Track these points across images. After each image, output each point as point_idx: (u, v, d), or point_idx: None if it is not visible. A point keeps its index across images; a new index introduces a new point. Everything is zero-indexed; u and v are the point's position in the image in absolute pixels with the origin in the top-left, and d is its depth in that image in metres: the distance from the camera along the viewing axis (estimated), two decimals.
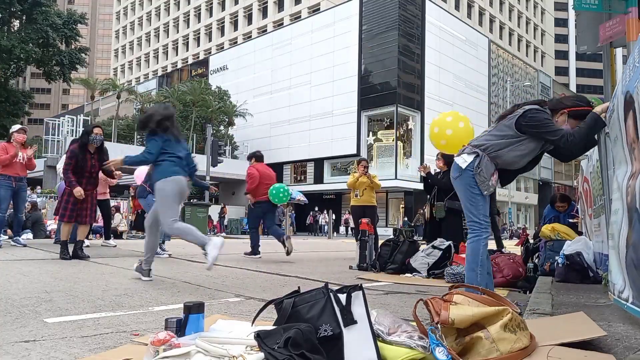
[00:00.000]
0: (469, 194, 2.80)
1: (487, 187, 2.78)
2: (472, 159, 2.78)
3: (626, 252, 2.08)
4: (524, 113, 2.73)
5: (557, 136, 2.65)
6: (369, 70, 32.92)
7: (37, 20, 28.21)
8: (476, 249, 2.79)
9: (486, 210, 2.80)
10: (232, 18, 51.65)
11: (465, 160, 2.79)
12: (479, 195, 2.78)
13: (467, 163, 2.78)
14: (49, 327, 2.21)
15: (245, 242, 13.58)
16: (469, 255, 2.84)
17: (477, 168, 2.76)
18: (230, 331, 1.72)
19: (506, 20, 52.58)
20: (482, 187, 2.76)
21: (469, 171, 2.78)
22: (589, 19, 4.36)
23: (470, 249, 2.83)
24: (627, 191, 2.07)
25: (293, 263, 6.24)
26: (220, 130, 35.21)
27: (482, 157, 2.76)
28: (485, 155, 2.77)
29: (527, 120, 2.72)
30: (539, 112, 2.73)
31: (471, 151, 2.81)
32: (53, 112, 79.02)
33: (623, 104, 2.15)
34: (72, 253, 5.62)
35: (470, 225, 2.84)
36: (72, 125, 27.03)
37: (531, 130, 2.71)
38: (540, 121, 2.69)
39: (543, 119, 2.70)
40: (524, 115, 2.72)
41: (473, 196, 2.79)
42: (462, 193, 2.85)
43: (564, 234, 4.75)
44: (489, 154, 2.79)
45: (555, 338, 1.78)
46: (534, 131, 2.71)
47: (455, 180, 2.88)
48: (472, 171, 2.77)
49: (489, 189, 2.79)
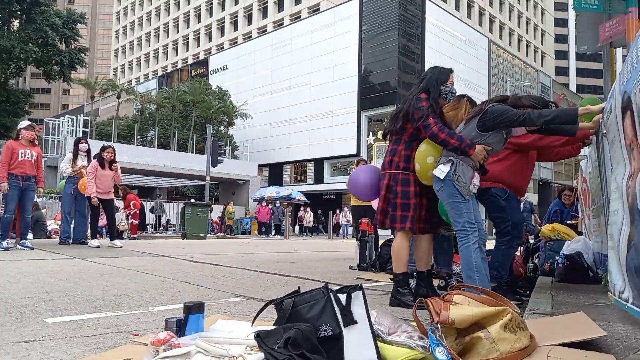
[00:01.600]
0: (452, 203, 2.87)
1: (468, 192, 2.85)
2: (448, 168, 2.84)
3: (627, 253, 2.08)
4: (485, 111, 2.88)
5: (517, 117, 2.79)
6: (369, 70, 32.92)
7: (36, 20, 28.16)
8: (467, 256, 2.84)
9: (470, 217, 2.85)
10: (232, 18, 51.64)
11: (443, 171, 2.86)
12: (461, 203, 2.85)
13: (444, 173, 2.84)
14: (49, 327, 2.21)
15: (245, 242, 13.60)
16: (463, 263, 2.88)
17: (455, 175, 2.83)
18: (230, 331, 1.72)
19: (506, 20, 52.57)
20: (463, 192, 2.84)
21: (448, 180, 2.85)
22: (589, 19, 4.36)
23: (462, 257, 2.88)
24: (627, 192, 2.07)
25: (293, 263, 6.24)
26: (220, 130, 35.20)
27: (458, 164, 2.84)
28: (459, 161, 2.84)
29: (487, 115, 2.86)
30: (496, 104, 2.90)
31: (446, 160, 2.87)
32: (53, 112, 79.00)
33: (621, 104, 2.15)
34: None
35: (458, 234, 2.90)
36: (72, 125, 26.97)
37: (492, 123, 2.85)
38: (499, 111, 2.84)
39: (503, 109, 2.85)
40: (485, 113, 2.87)
41: (456, 205, 2.86)
42: (446, 203, 2.92)
43: (564, 234, 4.76)
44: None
45: (555, 338, 1.78)
46: (494, 123, 2.85)
47: (438, 192, 2.94)
48: (450, 180, 2.84)
49: (469, 193, 2.86)
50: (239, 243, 12.45)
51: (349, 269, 5.59)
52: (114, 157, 7.71)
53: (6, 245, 6.50)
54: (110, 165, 7.63)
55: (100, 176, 7.49)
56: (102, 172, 7.51)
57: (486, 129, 2.87)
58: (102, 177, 7.52)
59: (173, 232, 17.40)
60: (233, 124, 35.43)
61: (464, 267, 2.87)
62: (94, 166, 7.51)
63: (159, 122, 33.45)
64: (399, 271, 3.13)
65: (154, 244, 9.47)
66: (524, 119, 2.79)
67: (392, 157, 3.16)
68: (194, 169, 25.99)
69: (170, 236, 15.63)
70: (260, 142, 36.87)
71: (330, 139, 33.48)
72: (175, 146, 30.04)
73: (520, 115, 2.79)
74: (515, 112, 2.82)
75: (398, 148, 3.14)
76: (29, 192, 6.80)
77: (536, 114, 2.78)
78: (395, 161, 3.13)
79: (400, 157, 3.12)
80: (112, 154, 7.64)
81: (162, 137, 31.04)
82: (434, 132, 2.87)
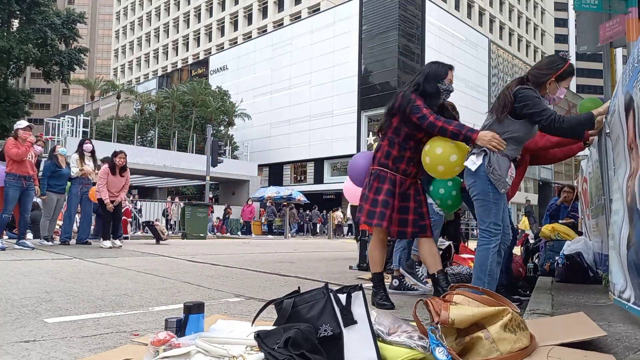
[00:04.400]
0: (482, 201, 2.66)
1: (504, 185, 2.63)
2: (481, 160, 2.63)
3: (627, 253, 2.08)
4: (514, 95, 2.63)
5: (543, 116, 2.56)
6: (369, 70, 32.93)
7: (35, 20, 28.16)
8: (483, 258, 2.66)
9: (498, 218, 2.66)
10: (232, 18, 51.64)
11: (475, 163, 2.64)
12: (492, 203, 2.64)
13: (477, 165, 2.64)
14: (49, 327, 2.21)
15: (245, 242, 13.61)
16: (476, 264, 2.72)
17: (489, 167, 2.61)
18: (230, 331, 1.72)
19: (506, 20, 52.58)
20: (498, 186, 2.61)
21: (482, 175, 2.62)
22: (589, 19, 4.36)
23: (478, 257, 2.70)
24: (627, 191, 2.07)
25: (293, 263, 6.24)
26: (220, 130, 35.21)
27: (491, 154, 2.61)
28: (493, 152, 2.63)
29: (517, 101, 2.60)
30: (525, 89, 2.63)
31: (479, 151, 2.66)
32: (53, 112, 79.02)
33: (624, 104, 2.14)
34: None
35: (480, 233, 2.72)
36: (72, 125, 26.98)
37: (522, 111, 2.61)
38: (529, 98, 2.58)
39: (532, 96, 2.60)
40: (514, 96, 2.62)
41: (486, 204, 2.65)
42: (475, 199, 2.70)
43: (564, 234, 4.76)
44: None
45: (555, 338, 1.78)
46: (524, 111, 2.60)
47: (471, 187, 2.72)
48: (484, 173, 2.61)
49: (506, 186, 2.65)
50: (238, 243, 12.45)
51: (349, 269, 5.59)
52: (126, 162, 7.72)
53: (2, 245, 6.45)
54: (121, 171, 7.65)
55: (110, 182, 7.51)
56: (112, 178, 7.53)
57: (517, 116, 2.63)
58: (112, 184, 7.54)
59: (173, 232, 17.40)
60: (233, 124, 35.43)
61: (476, 268, 2.71)
62: (105, 172, 7.50)
63: (159, 122, 33.45)
64: (373, 271, 3.09)
65: (154, 244, 9.47)
66: (547, 124, 2.56)
67: (376, 152, 3.06)
68: (194, 169, 25.99)
69: (170, 236, 15.62)
70: (260, 142, 36.88)
71: (330, 139, 33.49)
72: (175, 146, 30.04)
73: (545, 118, 2.55)
74: (543, 110, 2.56)
75: (382, 144, 3.05)
76: (29, 191, 6.81)
77: (558, 122, 2.55)
78: (377, 157, 3.03)
79: (382, 152, 3.01)
80: (124, 159, 7.65)
81: (162, 137, 31.04)
82: (430, 121, 2.75)
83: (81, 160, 7.93)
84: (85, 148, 8.03)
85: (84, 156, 7.99)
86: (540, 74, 2.70)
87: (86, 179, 7.97)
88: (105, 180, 7.43)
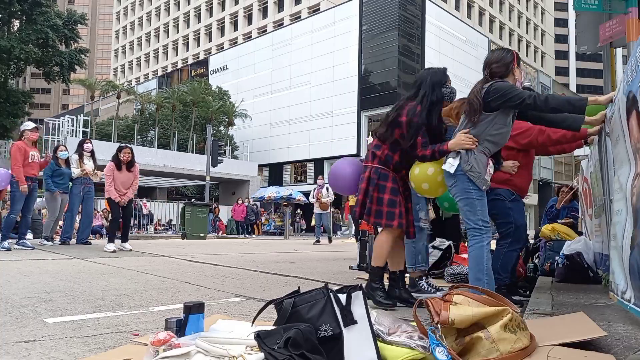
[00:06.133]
0: (466, 199, 2.68)
1: (485, 182, 2.66)
2: (458, 160, 2.67)
3: (630, 253, 2.07)
4: (487, 91, 2.65)
5: (524, 96, 2.57)
6: (369, 70, 32.91)
7: (36, 20, 28.16)
8: (479, 257, 2.65)
9: (485, 214, 2.67)
10: (232, 18, 51.63)
11: (452, 165, 2.68)
12: (476, 199, 2.66)
13: (454, 166, 2.67)
14: (49, 327, 2.21)
15: (245, 242, 13.61)
16: (472, 264, 2.69)
17: (467, 164, 2.64)
18: (230, 331, 1.72)
19: (506, 20, 52.57)
20: (478, 183, 2.64)
21: (459, 174, 2.66)
22: (589, 19, 4.36)
23: (472, 257, 2.68)
24: (632, 192, 2.06)
25: (293, 263, 6.24)
26: (220, 130, 35.21)
27: (467, 154, 2.65)
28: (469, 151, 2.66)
29: (491, 95, 2.62)
30: (497, 82, 2.66)
31: (454, 154, 2.70)
32: (53, 112, 78.97)
33: (625, 104, 2.14)
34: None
35: (470, 232, 2.71)
36: (72, 125, 27.01)
37: (498, 103, 2.62)
38: (505, 87, 2.61)
39: (507, 85, 2.64)
40: (488, 92, 2.64)
41: (470, 201, 2.67)
42: (459, 200, 2.73)
43: (564, 234, 4.75)
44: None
45: (555, 338, 1.78)
46: (500, 102, 2.62)
47: (451, 188, 2.76)
48: (462, 172, 2.66)
49: (486, 183, 2.67)
50: (238, 243, 12.45)
51: (349, 269, 5.59)
52: (132, 157, 7.21)
53: (7, 245, 6.50)
54: (129, 167, 7.18)
55: (117, 179, 7.04)
56: (118, 174, 7.07)
57: (491, 108, 2.65)
58: (119, 180, 7.07)
59: (173, 232, 17.41)
60: (233, 124, 35.44)
61: (472, 268, 2.69)
62: (111, 169, 7.05)
63: (159, 122, 33.44)
64: (375, 265, 3.06)
65: (154, 244, 9.47)
66: (531, 102, 2.55)
67: (375, 151, 3.08)
68: (194, 169, 25.99)
69: (170, 236, 15.63)
70: (260, 142, 36.86)
71: (330, 139, 33.48)
72: (175, 146, 30.05)
73: (527, 97, 2.55)
74: (521, 92, 2.59)
75: (382, 145, 3.07)
76: (33, 192, 6.85)
77: (543, 98, 2.57)
78: (377, 155, 3.05)
79: (383, 153, 3.04)
80: (129, 154, 7.14)
81: (162, 137, 31.05)
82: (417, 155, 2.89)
83: (80, 161, 7.91)
84: (85, 148, 8.01)
85: (84, 156, 7.96)
86: (505, 64, 2.75)
87: (87, 179, 7.96)
88: (112, 178, 7.00)
